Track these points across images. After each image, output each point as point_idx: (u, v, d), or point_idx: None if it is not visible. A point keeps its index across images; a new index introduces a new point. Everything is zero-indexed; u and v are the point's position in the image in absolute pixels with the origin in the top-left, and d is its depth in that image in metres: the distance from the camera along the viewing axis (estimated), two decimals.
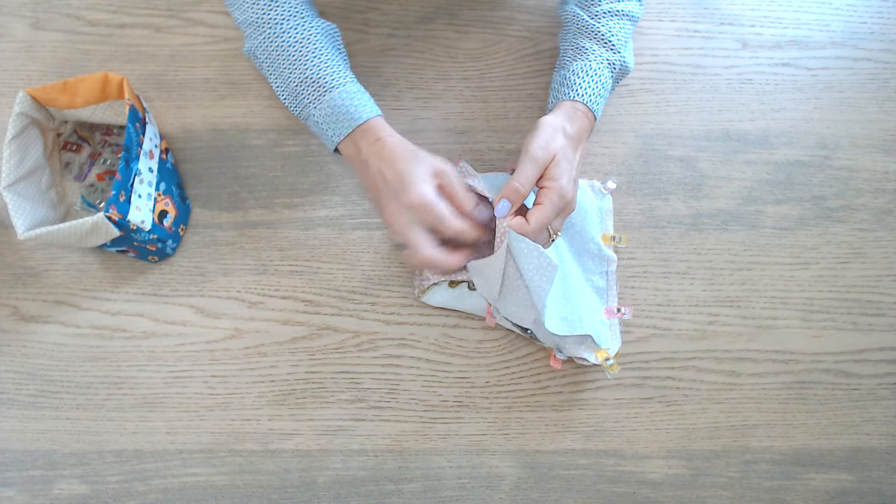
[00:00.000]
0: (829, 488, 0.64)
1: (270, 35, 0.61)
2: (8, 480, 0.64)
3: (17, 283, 0.68)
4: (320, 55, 0.61)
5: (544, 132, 0.59)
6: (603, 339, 0.62)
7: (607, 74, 0.63)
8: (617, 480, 0.64)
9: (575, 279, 0.64)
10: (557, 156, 0.57)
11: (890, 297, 0.68)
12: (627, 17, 0.64)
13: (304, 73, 0.60)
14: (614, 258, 0.66)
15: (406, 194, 0.55)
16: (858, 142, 0.72)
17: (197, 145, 0.72)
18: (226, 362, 0.66)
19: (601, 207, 0.68)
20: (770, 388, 0.66)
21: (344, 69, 0.62)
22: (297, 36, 0.61)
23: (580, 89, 0.62)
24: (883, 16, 0.76)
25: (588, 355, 0.61)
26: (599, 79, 0.62)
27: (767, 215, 0.70)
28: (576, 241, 0.67)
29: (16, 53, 0.74)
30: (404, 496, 0.63)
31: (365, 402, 0.65)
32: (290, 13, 0.61)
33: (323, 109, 0.60)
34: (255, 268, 0.68)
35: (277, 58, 0.61)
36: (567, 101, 0.62)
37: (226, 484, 0.63)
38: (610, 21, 0.63)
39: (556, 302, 0.62)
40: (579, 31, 0.64)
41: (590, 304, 0.63)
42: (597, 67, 0.63)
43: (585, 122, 0.61)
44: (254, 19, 0.61)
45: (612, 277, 0.66)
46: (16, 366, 0.66)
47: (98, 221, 0.57)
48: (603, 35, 0.63)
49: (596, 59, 0.63)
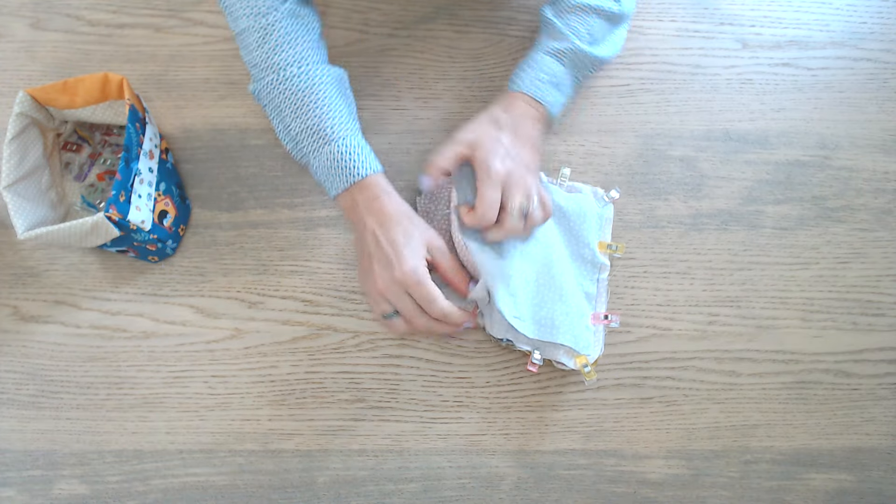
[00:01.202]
0: (829, 488, 0.64)
1: (274, 80, 0.60)
2: (8, 480, 0.64)
3: (17, 283, 0.68)
4: (323, 105, 0.59)
5: (473, 121, 0.63)
6: (584, 345, 0.62)
7: (550, 61, 0.64)
8: (617, 480, 0.64)
9: (562, 283, 0.64)
10: (481, 138, 0.61)
11: (890, 297, 0.68)
12: (596, 11, 0.64)
13: (306, 122, 0.59)
14: (607, 265, 0.66)
15: (399, 267, 0.56)
16: (858, 142, 0.72)
17: (197, 145, 0.72)
18: (226, 362, 0.66)
19: (601, 215, 0.68)
20: (770, 388, 0.66)
21: (347, 120, 0.60)
22: (301, 84, 0.59)
23: (518, 79, 0.64)
24: (883, 16, 0.76)
25: (566, 360, 0.62)
26: (541, 67, 0.64)
27: (767, 215, 0.70)
28: (570, 245, 0.66)
29: (16, 53, 0.74)
30: (404, 496, 0.63)
31: (365, 402, 0.65)
32: (295, 59, 0.59)
33: (322, 161, 0.59)
34: (255, 268, 0.68)
35: (280, 104, 0.60)
36: (508, 92, 0.65)
37: (226, 484, 0.63)
38: (571, 16, 0.64)
39: (532, 304, 0.62)
40: (542, 28, 0.66)
41: (573, 309, 0.63)
42: (539, 57, 0.64)
43: (527, 110, 0.63)
44: (259, 62, 0.60)
45: (602, 284, 0.66)
46: (16, 366, 0.66)
47: (98, 221, 0.57)
48: (557, 27, 0.64)
49: (540, 50, 0.65)
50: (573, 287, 0.65)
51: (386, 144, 0.71)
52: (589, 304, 0.65)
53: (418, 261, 0.57)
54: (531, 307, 0.62)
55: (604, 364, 0.66)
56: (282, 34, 0.59)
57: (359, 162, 0.59)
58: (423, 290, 0.56)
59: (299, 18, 0.60)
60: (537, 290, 0.63)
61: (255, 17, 0.59)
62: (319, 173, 0.60)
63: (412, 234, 0.58)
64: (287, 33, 0.59)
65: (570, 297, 0.63)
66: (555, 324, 0.61)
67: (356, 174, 0.58)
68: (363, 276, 0.60)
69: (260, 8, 0.59)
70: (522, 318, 0.61)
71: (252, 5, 0.59)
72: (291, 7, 0.60)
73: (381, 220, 0.58)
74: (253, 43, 0.60)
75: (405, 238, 0.57)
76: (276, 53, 0.59)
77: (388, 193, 0.59)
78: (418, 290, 0.56)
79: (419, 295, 0.56)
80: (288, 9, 0.60)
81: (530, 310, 0.62)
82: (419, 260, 0.57)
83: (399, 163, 0.71)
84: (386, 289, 0.57)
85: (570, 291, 0.64)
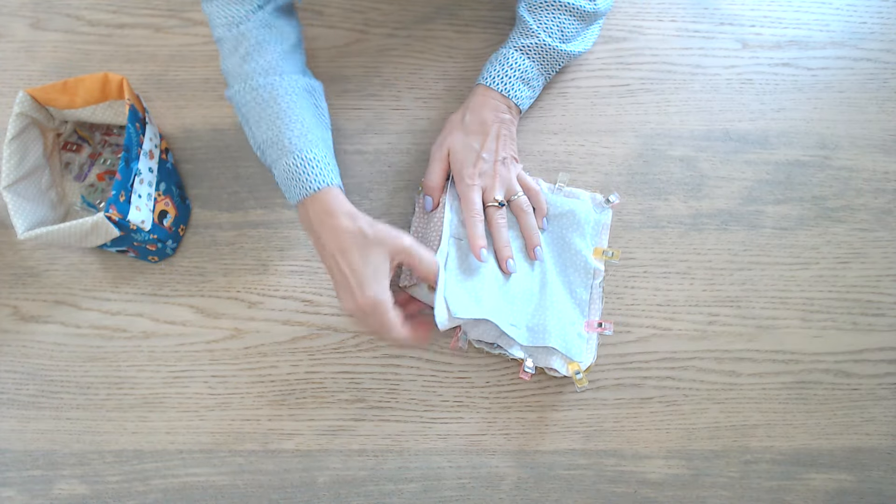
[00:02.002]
0: (829, 488, 0.64)
1: (242, 89, 0.60)
2: (8, 480, 0.64)
3: (17, 283, 0.68)
4: (284, 115, 0.59)
5: (442, 131, 0.67)
6: (576, 352, 0.62)
7: (518, 57, 0.66)
8: (617, 480, 0.64)
9: (553, 290, 0.64)
10: (452, 147, 0.65)
11: (890, 297, 0.68)
12: (569, 9, 0.65)
13: (268, 132, 0.59)
14: (601, 270, 0.66)
15: (360, 295, 0.56)
16: (858, 142, 0.72)
17: (197, 145, 0.72)
18: (226, 362, 0.66)
19: (598, 221, 0.68)
20: (770, 388, 0.66)
21: (308, 132, 0.59)
22: (265, 94, 0.59)
23: (487, 74, 0.66)
24: (883, 16, 0.76)
25: (559, 366, 0.62)
26: (509, 62, 0.66)
27: (767, 215, 0.70)
28: (564, 254, 0.66)
29: (16, 53, 0.74)
30: (404, 496, 0.63)
31: (365, 402, 0.65)
32: (262, 68, 0.60)
33: (280, 171, 0.59)
34: (255, 268, 0.68)
35: (247, 112, 0.61)
36: (475, 86, 0.67)
37: (226, 484, 0.63)
38: (543, 13, 0.65)
39: (525, 312, 0.63)
40: (516, 24, 0.68)
41: (565, 316, 0.63)
42: (507, 52, 0.66)
43: (495, 103, 0.66)
44: (231, 69, 0.61)
45: (596, 291, 0.66)
46: (16, 366, 0.66)
47: (98, 221, 0.57)
48: (527, 25, 0.65)
49: (510, 46, 0.67)
50: (565, 294, 0.65)
51: (386, 144, 0.71)
52: (582, 311, 0.65)
53: (377, 286, 0.56)
54: (526, 315, 0.63)
55: (604, 364, 0.66)
56: (251, 43, 0.60)
57: (312, 175, 0.58)
58: (380, 318, 0.56)
59: (272, 28, 0.61)
60: (532, 298, 0.63)
61: (230, 26, 0.60)
62: (279, 182, 0.60)
63: (370, 255, 0.56)
64: (258, 43, 0.60)
65: (562, 305, 0.63)
66: (546, 329, 0.62)
67: (309, 187, 0.57)
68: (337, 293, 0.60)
69: (234, 17, 0.60)
70: (518, 325, 0.62)
71: (227, 14, 0.60)
72: (264, 17, 0.61)
73: (339, 242, 0.57)
74: (227, 51, 0.61)
75: (363, 262, 0.56)
76: (245, 62, 0.60)
77: (344, 213, 0.57)
78: (376, 319, 0.56)
79: (377, 323, 0.56)
80: (260, 19, 0.61)
81: (525, 318, 0.62)
82: (378, 285, 0.56)
83: (399, 163, 0.71)
84: (352, 312, 0.57)
85: (561, 299, 0.64)
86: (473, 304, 0.60)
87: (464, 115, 0.66)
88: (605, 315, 0.66)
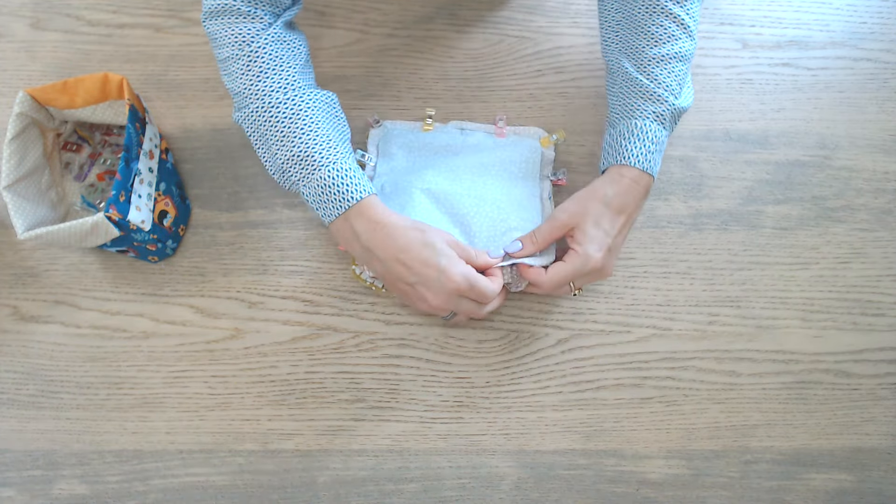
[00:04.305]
0: (829, 488, 0.64)
1: (259, 108, 0.57)
2: (8, 480, 0.64)
3: (17, 283, 0.68)
4: (310, 131, 0.57)
5: (578, 196, 0.61)
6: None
7: (656, 128, 0.60)
8: (617, 480, 0.64)
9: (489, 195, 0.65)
10: (586, 223, 0.59)
11: (890, 297, 0.68)
12: (678, 58, 0.60)
13: (293, 150, 0.57)
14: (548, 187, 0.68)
15: (449, 281, 0.56)
16: (858, 142, 0.72)
17: (197, 145, 0.72)
18: (226, 362, 0.66)
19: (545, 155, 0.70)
20: (770, 388, 0.66)
21: (337, 145, 0.58)
22: (287, 111, 0.57)
23: (627, 152, 0.59)
24: (883, 16, 0.76)
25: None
26: (647, 136, 0.59)
27: (767, 215, 0.70)
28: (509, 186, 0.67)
29: (16, 53, 0.74)
30: (404, 496, 0.63)
31: (365, 402, 0.65)
32: (280, 85, 0.57)
33: (312, 188, 0.57)
34: (255, 268, 0.68)
35: (266, 132, 0.58)
36: (615, 165, 0.60)
37: (226, 484, 0.63)
38: (657, 69, 0.59)
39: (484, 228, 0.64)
40: (625, 85, 0.61)
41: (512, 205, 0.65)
42: (644, 125, 0.59)
43: (635, 187, 0.59)
44: (242, 89, 0.58)
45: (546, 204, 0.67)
46: (16, 366, 0.66)
47: (98, 221, 0.57)
48: (649, 89, 0.59)
49: (642, 117, 0.60)
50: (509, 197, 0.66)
51: None
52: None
53: (460, 265, 0.57)
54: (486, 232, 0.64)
55: (604, 364, 0.66)
56: (266, 60, 0.57)
57: (352, 186, 0.57)
58: (477, 289, 0.57)
59: (284, 43, 0.58)
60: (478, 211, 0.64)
61: (240, 45, 0.57)
62: (312, 201, 0.58)
63: (434, 243, 0.57)
64: (272, 59, 0.57)
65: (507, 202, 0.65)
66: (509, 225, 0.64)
67: (349, 199, 0.56)
68: (410, 302, 0.60)
69: (244, 35, 0.57)
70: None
71: (236, 33, 0.57)
72: (277, 32, 0.58)
73: (398, 246, 0.56)
74: (237, 71, 0.57)
75: (432, 251, 0.56)
76: (260, 80, 0.57)
77: (388, 215, 0.57)
78: (473, 292, 0.57)
79: (475, 295, 0.57)
80: (273, 34, 0.57)
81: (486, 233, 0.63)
82: (459, 263, 0.57)
83: None
84: (443, 303, 0.57)
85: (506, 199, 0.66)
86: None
87: (607, 191, 0.59)
88: (605, 314, 0.67)
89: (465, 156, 0.68)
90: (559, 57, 0.75)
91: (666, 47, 0.59)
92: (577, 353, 0.66)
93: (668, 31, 0.59)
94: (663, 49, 0.59)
